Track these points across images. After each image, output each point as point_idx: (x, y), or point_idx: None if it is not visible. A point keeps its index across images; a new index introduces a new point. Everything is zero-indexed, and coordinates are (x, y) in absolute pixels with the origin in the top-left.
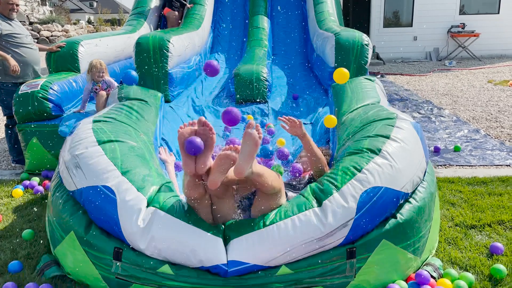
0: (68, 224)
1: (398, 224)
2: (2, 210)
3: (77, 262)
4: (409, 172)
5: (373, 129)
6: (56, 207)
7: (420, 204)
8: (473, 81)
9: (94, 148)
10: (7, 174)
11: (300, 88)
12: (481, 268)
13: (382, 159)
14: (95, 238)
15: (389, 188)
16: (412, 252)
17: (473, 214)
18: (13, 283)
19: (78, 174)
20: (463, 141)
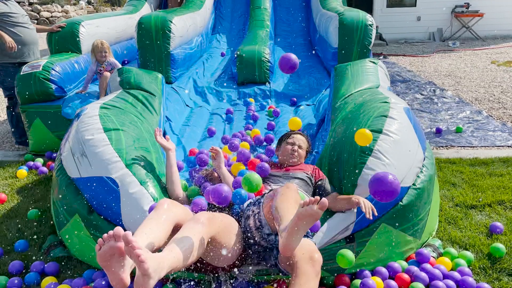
0: (73, 207)
1: (397, 209)
2: (7, 191)
3: (82, 245)
4: (405, 166)
5: (365, 121)
6: (60, 190)
7: (420, 187)
8: (476, 62)
9: (100, 136)
10: (11, 155)
11: (302, 68)
12: (481, 247)
13: (374, 159)
14: (100, 220)
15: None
16: (411, 235)
17: (473, 194)
18: (19, 262)
19: (83, 162)
20: (465, 122)
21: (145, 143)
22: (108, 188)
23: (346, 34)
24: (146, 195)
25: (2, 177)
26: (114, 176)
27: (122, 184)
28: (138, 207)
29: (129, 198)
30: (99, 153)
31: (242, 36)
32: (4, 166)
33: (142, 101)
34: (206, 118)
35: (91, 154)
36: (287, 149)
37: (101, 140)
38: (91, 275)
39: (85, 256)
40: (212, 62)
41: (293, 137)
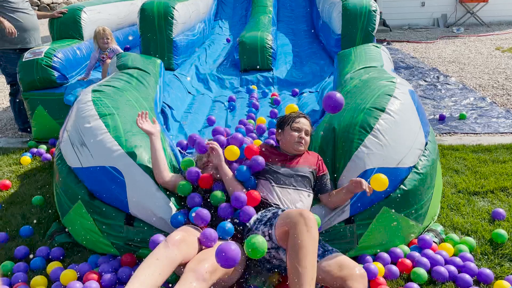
0: (74, 194)
1: (400, 194)
2: (11, 177)
3: (85, 231)
4: (403, 147)
5: (370, 97)
6: (61, 177)
7: (423, 172)
8: (480, 48)
9: (96, 123)
10: (14, 142)
11: (305, 55)
12: (483, 233)
13: (372, 138)
14: (103, 206)
15: (382, 167)
16: (414, 219)
17: (476, 181)
18: (24, 247)
19: (84, 153)
20: (468, 109)
21: None
22: (112, 177)
23: (349, 20)
24: (151, 183)
25: (6, 164)
26: (117, 165)
27: (127, 174)
28: (145, 194)
29: (134, 187)
30: (99, 143)
31: (244, 22)
32: (7, 153)
33: (137, 77)
34: (208, 105)
35: (91, 144)
36: (292, 136)
37: (98, 128)
38: (96, 260)
39: (89, 242)
40: (214, 49)
41: (299, 121)
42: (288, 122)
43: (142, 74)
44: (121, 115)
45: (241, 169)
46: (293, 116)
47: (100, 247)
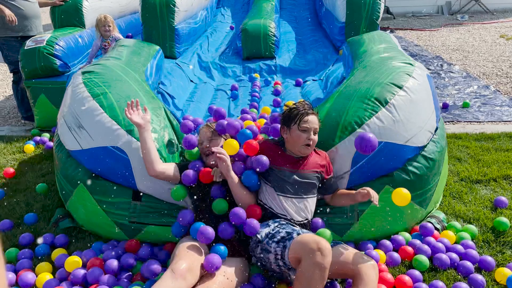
0: (75, 177)
1: (406, 177)
2: (15, 165)
3: (89, 214)
4: (414, 126)
5: (389, 73)
6: (61, 163)
7: (432, 158)
8: (485, 36)
9: (91, 104)
10: (17, 131)
11: (308, 43)
12: (485, 221)
13: (386, 112)
14: (106, 184)
15: (390, 142)
16: (418, 204)
17: (479, 169)
18: (29, 234)
19: (82, 135)
20: (472, 97)
21: (136, 97)
22: (115, 156)
23: (353, 8)
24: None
25: (9, 152)
26: (119, 144)
27: (130, 152)
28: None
29: (140, 163)
30: (97, 124)
31: (247, 9)
32: (11, 141)
33: (126, 55)
34: (210, 94)
35: (89, 125)
36: (301, 138)
37: (94, 110)
38: (100, 247)
39: (93, 225)
40: (216, 37)
41: (307, 120)
42: (295, 120)
43: (132, 52)
44: (113, 92)
45: (248, 175)
46: (301, 113)
47: (104, 228)
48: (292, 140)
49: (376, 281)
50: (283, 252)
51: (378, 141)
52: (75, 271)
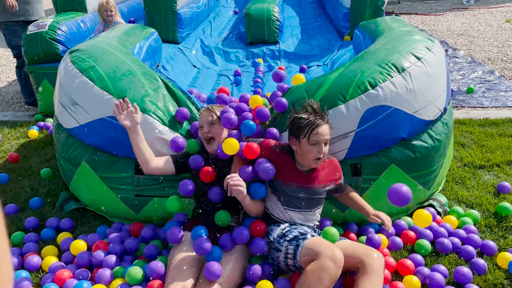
0: (76, 156)
1: (410, 155)
2: (19, 150)
3: (92, 191)
4: (425, 99)
5: (409, 44)
6: (60, 143)
7: (438, 138)
8: (490, 20)
9: (81, 80)
10: (21, 116)
11: (312, 28)
12: (487, 206)
13: (401, 79)
14: (111, 159)
15: (400, 109)
16: (422, 184)
17: (482, 155)
18: (35, 218)
19: (78, 111)
20: (476, 83)
21: (125, 65)
22: (113, 126)
23: None
24: (151, 121)
25: (14, 137)
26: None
27: None
28: (149, 134)
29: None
30: (90, 98)
31: None
32: (15, 126)
33: (115, 34)
34: (213, 79)
35: (82, 100)
36: (311, 153)
37: (84, 84)
38: (105, 231)
39: (98, 203)
40: (219, 22)
41: (318, 133)
42: (305, 133)
43: (122, 33)
44: (101, 65)
45: (256, 190)
46: (311, 123)
47: (109, 205)
48: (301, 153)
49: (381, 272)
50: (296, 251)
51: (388, 105)
52: (80, 254)
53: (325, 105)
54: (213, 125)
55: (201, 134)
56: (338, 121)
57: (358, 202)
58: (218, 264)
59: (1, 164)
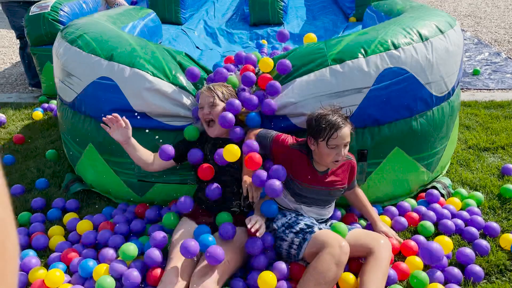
0: (84, 137)
1: (413, 133)
2: (24, 132)
3: (98, 174)
4: (438, 74)
5: (434, 17)
6: (66, 123)
7: (441, 119)
8: (497, 1)
9: (71, 51)
10: (26, 97)
11: (316, 9)
12: (491, 188)
13: (423, 47)
14: (114, 144)
15: (415, 77)
16: (424, 166)
17: (487, 137)
18: (41, 198)
19: (73, 81)
20: (482, 64)
21: (113, 31)
22: (105, 87)
23: None
24: (141, 74)
25: (18, 119)
26: (103, 73)
27: (114, 76)
28: (139, 87)
29: (127, 84)
30: (80, 64)
31: None
32: (20, 108)
33: (108, 13)
34: (216, 60)
35: (74, 69)
36: (330, 156)
37: (74, 54)
38: (111, 212)
39: (103, 185)
40: (223, 3)
41: (337, 137)
42: (324, 136)
43: (116, 12)
44: (89, 32)
45: (268, 207)
46: (331, 125)
47: (114, 188)
48: (319, 154)
49: (388, 259)
50: (302, 244)
51: (403, 68)
52: (86, 234)
53: (344, 57)
54: (214, 107)
55: (201, 115)
56: (356, 73)
57: (365, 205)
58: (221, 248)
59: (6, 146)
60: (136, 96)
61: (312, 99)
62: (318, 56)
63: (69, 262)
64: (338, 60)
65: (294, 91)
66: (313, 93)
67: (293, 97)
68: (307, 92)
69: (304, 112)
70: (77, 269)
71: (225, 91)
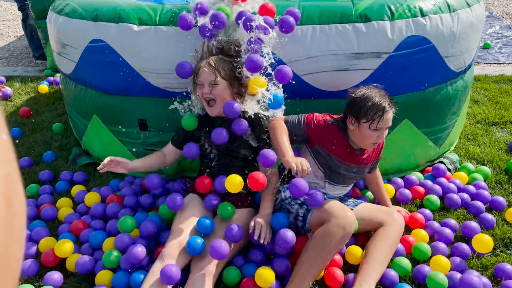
0: (88, 109)
1: (424, 106)
2: (31, 105)
3: (104, 145)
4: (459, 48)
5: None
6: (69, 96)
7: (454, 94)
8: None
9: (61, 22)
10: (31, 71)
11: None
12: (499, 162)
13: (449, 18)
14: (118, 114)
15: (436, 48)
16: (432, 141)
17: (496, 112)
18: (49, 171)
19: (70, 51)
20: (493, 38)
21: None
22: (98, 49)
23: None
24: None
25: (24, 92)
26: (93, 36)
27: (104, 36)
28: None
29: (118, 40)
30: (70, 32)
31: None
32: (25, 82)
33: None
34: None
35: (66, 39)
36: (371, 138)
37: (63, 23)
38: (118, 184)
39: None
40: None
41: (383, 120)
42: (369, 119)
43: None
44: (75, 1)
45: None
46: (377, 108)
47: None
48: (359, 135)
49: (399, 234)
50: (306, 215)
51: (424, 37)
52: (95, 206)
53: (371, 16)
54: (216, 86)
55: (200, 93)
56: (378, 37)
57: (380, 187)
58: (225, 243)
59: (13, 119)
60: (130, 52)
61: (330, 56)
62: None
63: (79, 233)
64: (363, 17)
65: (312, 44)
66: (332, 50)
67: (310, 50)
68: (326, 47)
69: (318, 70)
70: (86, 239)
71: (226, 67)
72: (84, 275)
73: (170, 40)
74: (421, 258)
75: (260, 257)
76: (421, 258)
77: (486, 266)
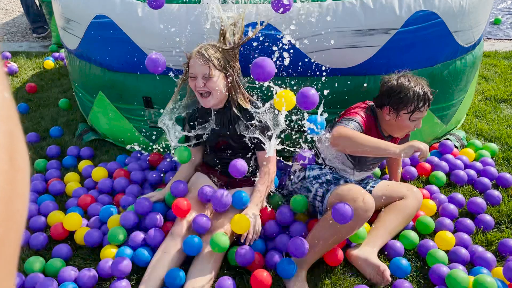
0: (93, 84)
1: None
2: (36, 81)
3: (110, 121)
4: (467, 23)
5: None
6: (75, 71)
7: (462, 70)
8: None
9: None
10: (36, 46)
11: None
12: (507, 139)
13: None
14: (123, 91)
15: (445, 23)
16: (439, 118)
17: (505, 88)
18: (56, 146)
19: (74, 26)
20: (504, 13)
21: None
22: (103, 26)
23: None
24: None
25: (30, 68)
26: (98, 12)
27: (108, 11)
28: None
29: (122, 16)
30: (74, 8)
31: None
32: (31, 57)
33: None
34: None
35: (70, 13)
36: (408, 128)
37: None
38: (125, 159)
39: (116, 134)
40: None
41: (424, 110)
42: (409, 110)
43: None
44: None
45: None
46: (420, 98)
47: (127, 136)
48: (395, 125)
49: (415, 209)
50: (325, 194)
51: (433, 12)
52: (102, 181)
53: None
54: (210, 78)
55: (193, 86)
56: (386, 13)
57: (399, 166)
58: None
59: (19, 95)
60: (134, 29)
61: (336, 33)
62: None
63: (86, 207)
64: None
65: (319, 21)
66: (339, 26)
67: (316, 27)
68: (332, 24)
69: (324, 48)
70: (93, 213)
71: (220, 56)
72: (92, 248)
73: (174, 17)
74: (424, 232)
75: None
76: (425, 231)
77: (491, 241)
